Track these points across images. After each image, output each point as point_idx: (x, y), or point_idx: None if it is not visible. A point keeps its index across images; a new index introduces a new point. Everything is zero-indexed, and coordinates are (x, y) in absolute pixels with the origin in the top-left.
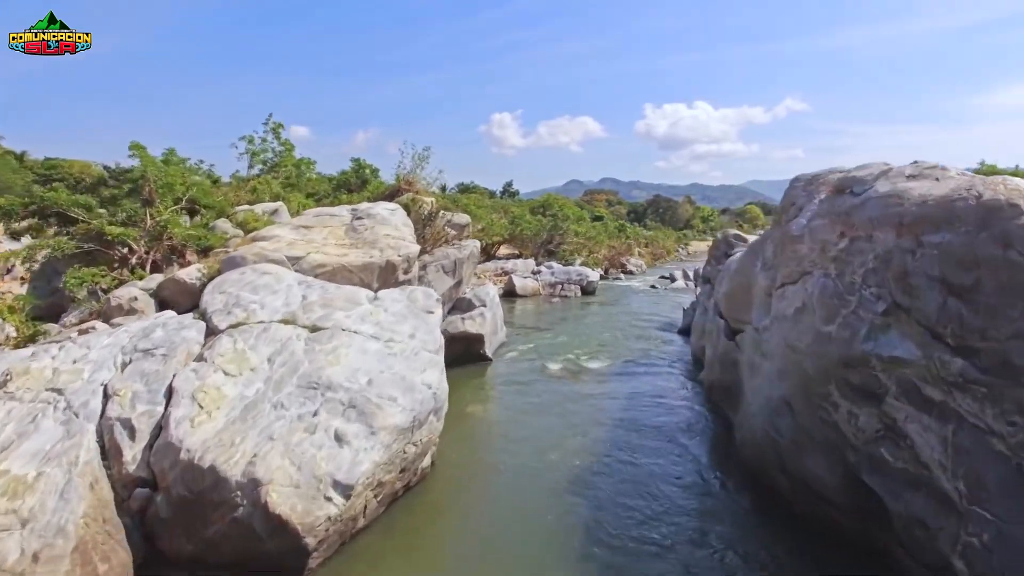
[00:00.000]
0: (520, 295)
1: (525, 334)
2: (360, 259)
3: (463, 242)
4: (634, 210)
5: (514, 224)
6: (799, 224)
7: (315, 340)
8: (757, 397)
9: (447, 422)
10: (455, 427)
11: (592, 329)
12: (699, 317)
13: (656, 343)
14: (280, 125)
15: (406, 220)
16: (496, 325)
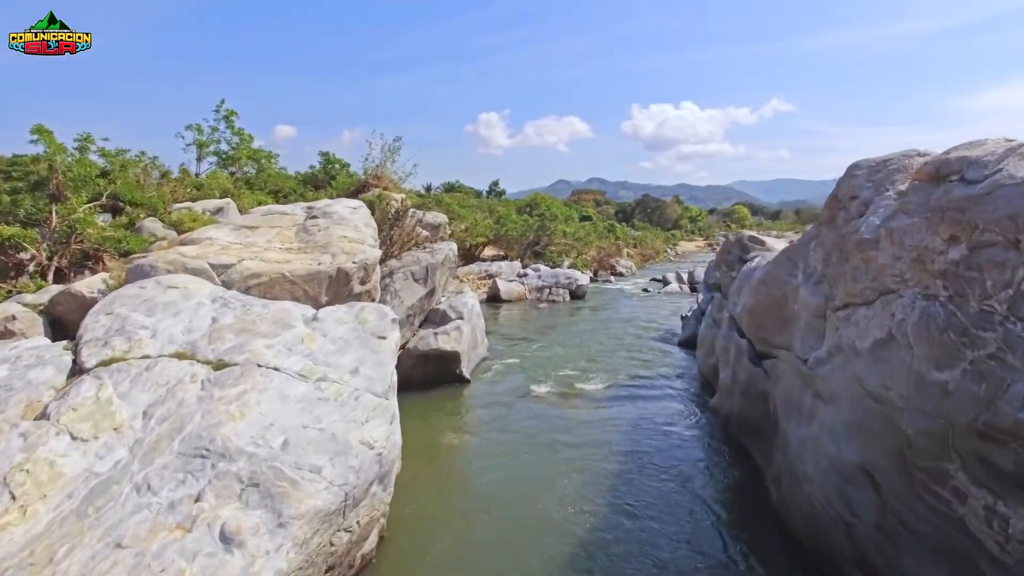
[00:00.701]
0: (505, 300)
1: (509, 346)
2: (305, 267)
3: (437, 245)
4: (622, 210)
5: (499, 224)
6: (870, 225)
7: (217, 383)
8: (813, 453)
9: (408, 469)
10: (418, 476)
11: (583, 340)
12: (706, 330)
13: (655, 357)
14: (233, 113)
15: (369, 220)
16: (476, 339)
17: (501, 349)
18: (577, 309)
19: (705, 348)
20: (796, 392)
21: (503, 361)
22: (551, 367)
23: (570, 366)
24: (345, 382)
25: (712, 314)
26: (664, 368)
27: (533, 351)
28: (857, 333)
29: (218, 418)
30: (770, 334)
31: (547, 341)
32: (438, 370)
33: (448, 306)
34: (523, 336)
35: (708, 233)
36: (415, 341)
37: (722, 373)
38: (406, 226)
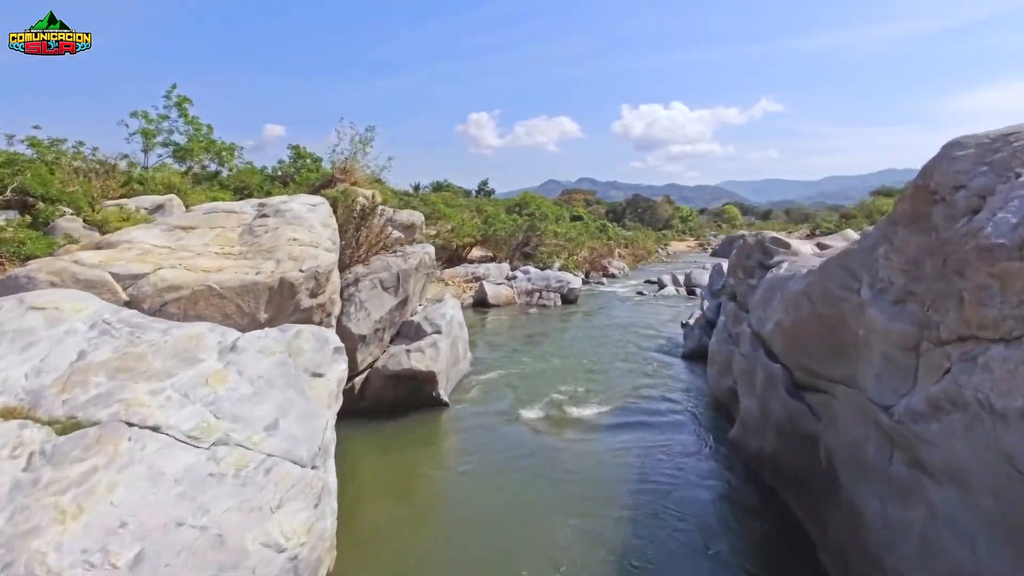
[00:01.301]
0: (492, 305)
1: (496, 359)
2: (239, 276)
3: (411, 247)
4: (612, 210)
5: (487, 224)
6: (1003, 225)
7: (55, 456)
8: (922, 553)
9: (368, 516)
10: (379, 527)
11: (577, 350)
12: (719, 344)
13: (657, 372)
14: (186, 99)
15: (328, 219)
16: (457, 354)
17: (487, 362)
18: (569, 314)
19: (719, 366)
20: (871, 449)
21: (488, 377)
22: (542, 385)
23: (564, 384)
24: (255, 445)
25: (727, 327)
26: (669, 386)
27: (522, 364)
28: (992, 384)
29: (36, 520)
30: (818, 363)
31: (538, 352)
32: (411, 392)
33: (424, 318)
34: (511, 346)
35: (699, 233)
36: (385, 359)
37: (744, 400)
38: (374, 226)
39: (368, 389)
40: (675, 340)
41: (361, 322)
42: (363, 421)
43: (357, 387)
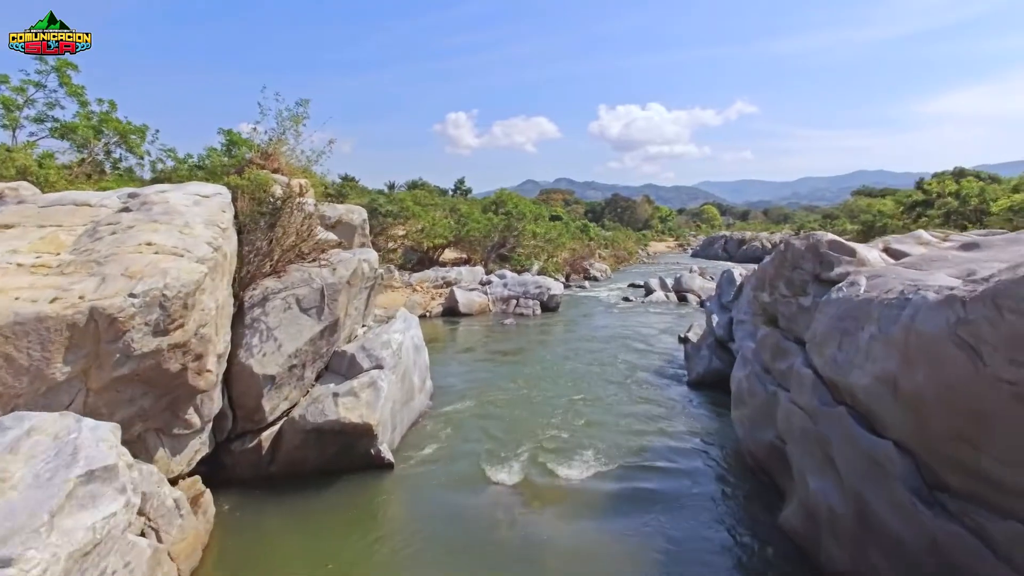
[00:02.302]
0: (464, 314)
1: (463, 387)
2: (15, 306)
3: (344, 254)
4: (592, 209)
5: (461, 224)
6: None
7: None
8: None
9: None
10: None
11: (561, 374)
12: (750, 380)
13: (661, 407)
14: (69, 65)
15: (217, 215)
16: (409, 390)
17: (452, 391)
18: (550, 325)
19: (752, 411)
20: None
21: (452, 413)
22: (519, 426)
23: (546, 425)
24: None
25: (760, 358)
26: (680, 431)
27: (495, 394)
28: None
29: None
30: (1006, 467)
31: (515, 375)
32: (342, 451)
33: (360, 348)
34: (484, 367)
35: (678, 233)
36: (305, 406)
37: (812, 480)
38: (291, 224)
39: (281, 448)
40: (674, 358)
41: (268, 358)
42: (273, 492)
43: (266, 446)
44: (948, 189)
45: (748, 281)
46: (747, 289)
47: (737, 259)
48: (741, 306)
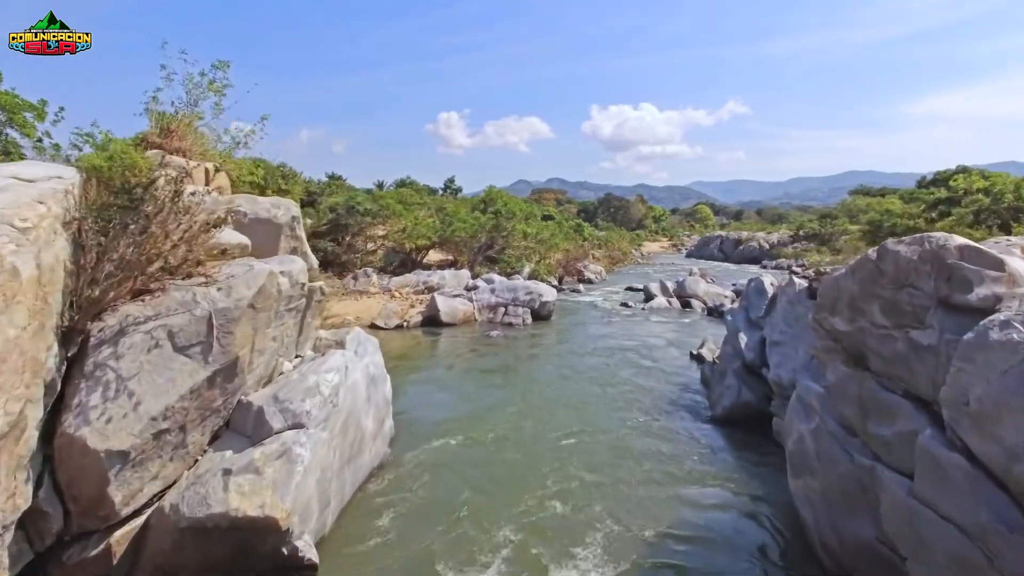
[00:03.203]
0: (446, 323)
1: (432, 424)
2: None
3: (257, 265)
4: (584, 209)
5: (445, 224)
6: None
7: None
8: None
9: None
10: None
11: (554, 403)
12: (825, 446)
13: (684, 459)
14: None
15: (24, 210)
16: (352, 448)
17: (419, 428)
18: (541, 337)
19: (829, 489)
20: None
21: (414, 470)
22: (502, 490)
23: (537, 486)
24: None
25: (842, 416)
26: (715, 498)
27: (473, 432)
28: None
29: None
30: None
31: (498, 404)
32: (237, 552)
33: (271, 399)
34: (462, 393)
35: (672, 233)
36: (182, 490)
37: None
38: (175, 225)
39: (145, 552)
40: (688, 380)
41: (116, 424)
42: None
43: (120, 551)
44: (977, 185)
45: (783, 292)
46: (782, 302)
47: (733, 260)
48: (775, 323)
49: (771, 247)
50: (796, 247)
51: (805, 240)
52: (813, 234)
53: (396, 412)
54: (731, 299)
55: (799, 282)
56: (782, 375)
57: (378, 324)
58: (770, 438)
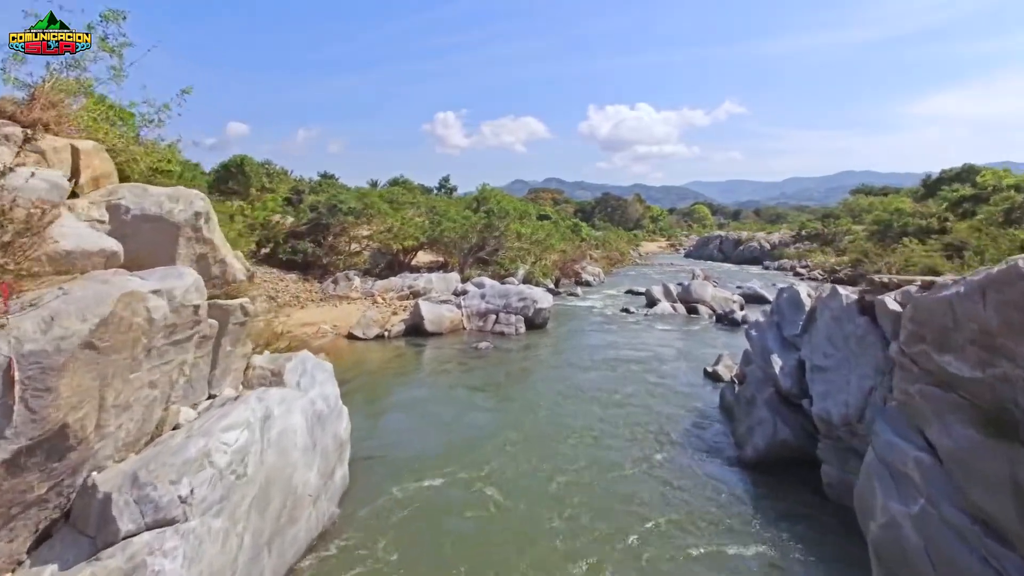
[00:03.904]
0: (431, 333)
1: (398, 466)
2: None
3: (103, 280)
4: (582, 209)
5: (434, 224)
6: None
7: None
8: None
9: None
10: None
11: (548, 436)
12: (935, 534)
13: (714, 524)
14: None
15: None
16: (272, 529)
17: (379, 471)
18: (535, 349)
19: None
20: None
21: (365, 540)
22: (492, 559)
23: (539, 552)
24: None
25: (971, 501)
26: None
27: (448, 479)
28: None
29: None
30: None
31: (480, 437)
32: None
33: (128, 480)
34: (438, 422)
35: (670, 233)
36: None
37: None
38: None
39: None
40: (705, 404)
41: None
42: None
43: None
44: (1007, 181)
45: (824, 306)
46: (824, 317)
47: (733, 260)
48: (817, 343)
49: (772, 247)
50: (798, 247)
51: (807, 240)
52: (815, 234)
53: (359, 447)
54: (740, 304)
55: (846, 294)
56: (831, 410)
57: (356, 334)
58: (817, 489)
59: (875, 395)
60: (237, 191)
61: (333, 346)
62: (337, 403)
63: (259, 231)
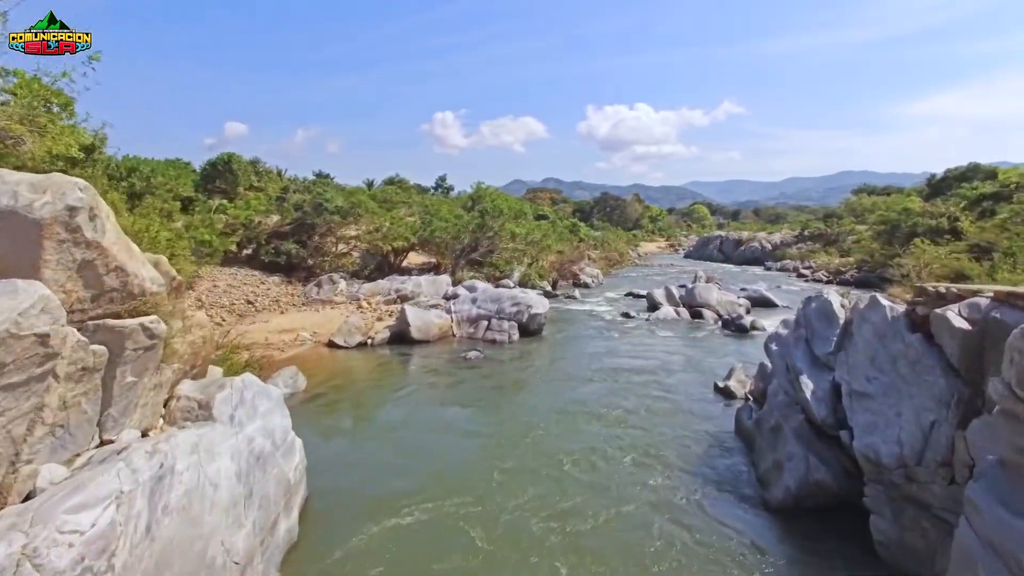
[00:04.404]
0: (418, 340)
1: (362, 504)
2: None
3: None
4: (580, 209)
5: (425, 224)
6: None
7: None
8: None
9: None
10: None
11: (545, 464)
12: None
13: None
14: None
15: None
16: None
17: (341, 515)
18: (528, 359)
19: None
20: None
21: None
22: None
23: None
24: None
25: None
26: None
27: (423, 527)
28: None
29: None
30: None
31: (466, 471)
32: None
33: None
34: (415, 447)
35: (669, 233)
36: None
37: None
38: None
39: None
40: (717, 429)
41: None
42: None
43: None
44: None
45: (863, 320)
46: (864, 333)
47: (734, 261)
48: (856, 364)
49: (774, 248)
50: (801, 248)
51: (810, 240)
52: (818, 234)
53: (321, 481)
54: (746, 308)
55: (889, 305)
56: (879, 448)
57: (337, 342)
58: (865, 545)
59: (939, 432)
60: (224, 190)
61: (311, 355)
62: (286, 437)
63: (241, 231)
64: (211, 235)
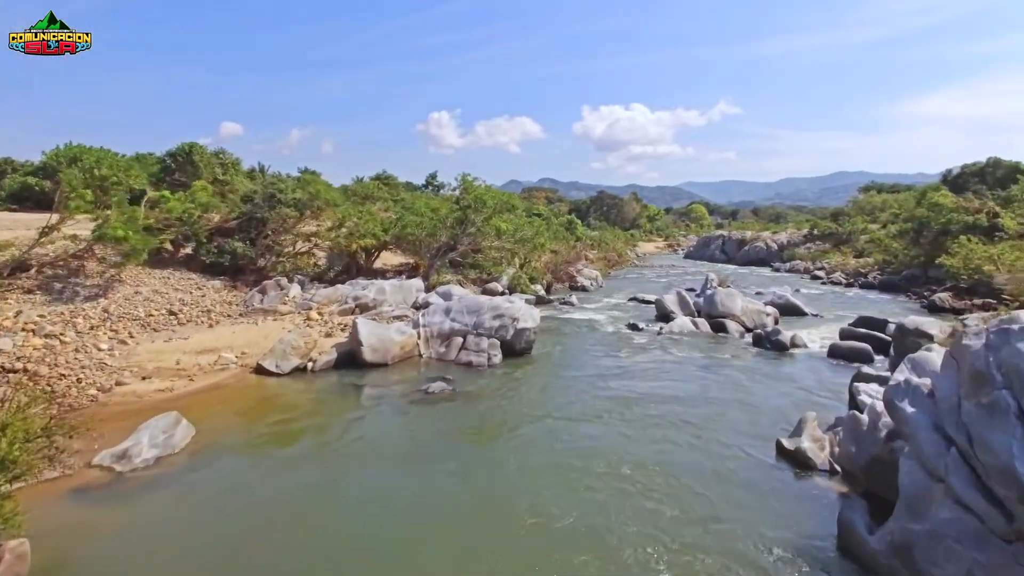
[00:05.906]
0: (372, 364)
1: None
2: None
3: None
4: (576, 208)
5: (398, 221)
6: None
7: None
8: None
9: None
10: None
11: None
12: None
13: None
14: None
15: None
16: None
17: None
18: (511, 392)
19: None
20: None
21: None
22: None
23: None
24: None
25: None
26: None
27: None
28: None
29: None
30: None
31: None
32: None
33: None
34: (344, 553)
35: (668, 233)
36: None
37: None
38: None
39: None
40: (792, 530)
41: None
42: None
43: None
44: None
45: None
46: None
47: (737, 261)
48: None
49: (780, 248)
50: (810, 248)
51: (819, 240)
52: (829, 233)
53: None
54: (774, 318)
55: None
56: None
57: (267, 367)
58: None
59: None
60: (185, 183)
61: (229, 386)
62: None
63: (177, 227)
64: (127, 232)
